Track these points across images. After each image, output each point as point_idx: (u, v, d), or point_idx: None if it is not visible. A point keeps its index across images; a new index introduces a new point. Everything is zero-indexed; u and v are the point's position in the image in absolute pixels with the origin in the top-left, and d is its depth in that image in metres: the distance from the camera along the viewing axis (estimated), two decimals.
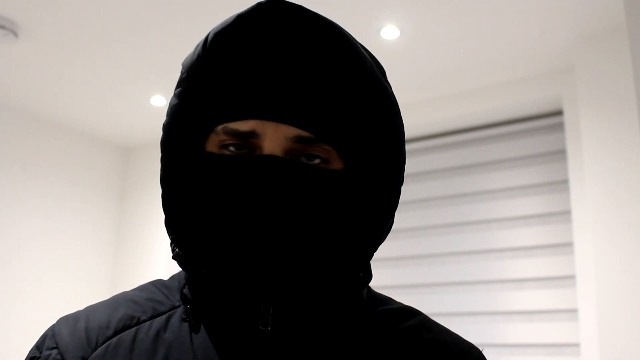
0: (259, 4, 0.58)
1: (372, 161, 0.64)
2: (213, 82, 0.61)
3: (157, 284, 0.71)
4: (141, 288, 0.70)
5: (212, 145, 0.62)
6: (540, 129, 2.92)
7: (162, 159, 0.64)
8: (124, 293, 0.70)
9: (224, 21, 0.59)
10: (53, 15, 2.44)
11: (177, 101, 0.63)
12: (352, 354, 0.63)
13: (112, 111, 3.37)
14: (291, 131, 0.59)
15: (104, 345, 0.62)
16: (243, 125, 0.60)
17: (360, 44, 0.62)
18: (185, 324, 0.63)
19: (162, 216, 0.63)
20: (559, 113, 2.84)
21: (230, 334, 0.62)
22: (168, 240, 3.54)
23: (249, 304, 0.60)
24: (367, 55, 0.61)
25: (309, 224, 0.60)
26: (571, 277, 2.66)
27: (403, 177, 0.65)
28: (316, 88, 0.60)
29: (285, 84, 0.60)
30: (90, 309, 0.67)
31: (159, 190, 0.66)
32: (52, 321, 0.71)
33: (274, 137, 0.59)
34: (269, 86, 0.59)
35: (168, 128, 0.64)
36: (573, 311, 2.63)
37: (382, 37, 2.51)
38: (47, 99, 3.23)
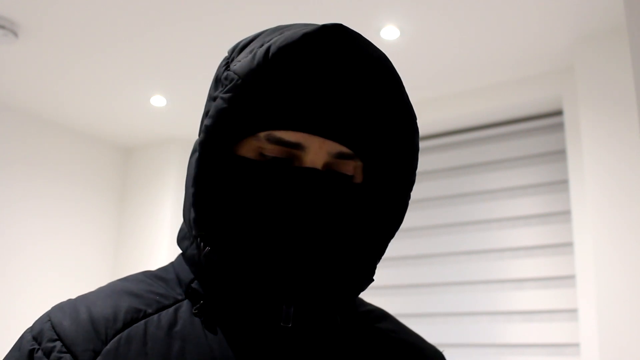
0: (324, 27, 0.62)
1: (389, 178, 0.70)
2: (268, 91, 0.64)
3: (149, 275, 0.71)
4: (134, 279, 0.70)
5: (248, 149, 0.65)
6: (540, 129, 2.92)
7: (199, 159, 0.65)
8: (115, 283, 0.69)
9: (289, 35, 0.62)
10: (53, 15, 2.44)
11: (225, 105, 0.63)
12: (349, 350, 0.69)
13: (112, 111, 3.37)
14: (335, 147, 0.65)
15: (115, 339, 0.61)
16: (290, 136, 0.64)
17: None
18: (197, 319, 0.65)
19: (163, 216, 0.64)
20: (559, 113, 2.84)
21: (247, 330, 0.64)
22: (168, 240, 3.57)
23: (272, 302, 0.64)
24: (404, 88, 0.68)
25: (335, 233, 0.66)
26: (571, 277, 2.66)
27: (410, 196, 0.71)
28: (360, 110, 0.67)
29: (334, 103, 0.65)
30: (88, 299, 0.66)
31: (159, 190, 0.67)
32: None
33: (319, 152, 0.64)
34: (320, 103, 0.64)
35: (211, 129, 0.64)
36: (573, 311, 2.63)
37: (382, 37, 2.51)
38: (47, 99, 3.23)
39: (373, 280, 0.71)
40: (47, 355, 0.60)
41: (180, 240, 0.70)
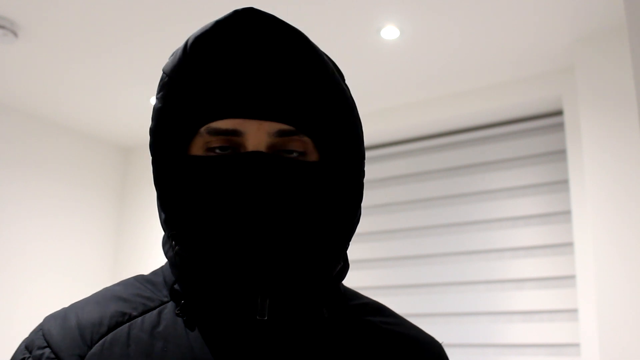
0: (235, 12, 0.63)
1: (339, 155, 0.68)
2: (194, 84, 0.65)
3: (140, 279, 0.73)
4: (125, 284, 0.72)
5: (197, 147, 0.66)
6: (540, 129, 2.92)
7: (153, 162, 0.67)
8: (108, 289, 0.71)
9: (204, 26, 0.63)
10: (53, 15, 2.44)
11: (160, 104, 0.65)
12: (336, 343, 0.68)
13: (112, 111, 3.38)
14: (273, 126, 0.64)
15: (99, 342, 0.63)
16: (225, 124, 0.64)
17: (323, 52, 0.68)
18: (179, 319, 0.66)
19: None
20: (559, 113, 2.84)
21: (226, 326, 0.65)
22: None
23: (246, 296, 0.64)
24: (328, 61, 0.67)
25: (295, 216, 0.64)
26: (571, 277, 2.66)
27: (364, 172, 0.70)
28: (289, 87, 0.65)
29: (262, 84, 0.64)
30: (78, 306, 0.68)
31: None
32: None
33: (257, 134, 0.64)
34: (248, 86, 0.64)
35: (154, 131, 0.66)
36: (573, 311, 2.63)
37: (382, 37, 2.51)
38: (47, 99, 3.23)
39: (347, 269, 0.70)
40: None
41: (163, 244, 0.71)
